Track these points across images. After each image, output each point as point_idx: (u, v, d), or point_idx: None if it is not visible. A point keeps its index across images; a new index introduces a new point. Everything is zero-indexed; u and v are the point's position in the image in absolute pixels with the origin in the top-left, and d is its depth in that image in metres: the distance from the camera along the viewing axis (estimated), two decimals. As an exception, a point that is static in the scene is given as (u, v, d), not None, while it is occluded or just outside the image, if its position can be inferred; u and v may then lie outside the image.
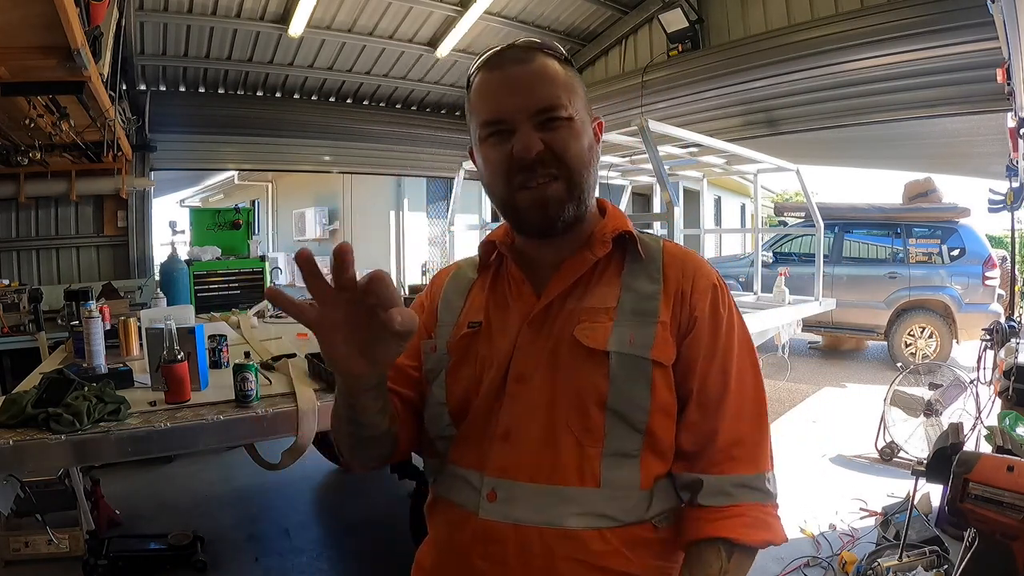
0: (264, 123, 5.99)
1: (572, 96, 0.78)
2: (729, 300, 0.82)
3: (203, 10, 4.71)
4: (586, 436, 0.74)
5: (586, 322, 0.77)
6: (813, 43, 4.53)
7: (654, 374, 0.75)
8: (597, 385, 0.74)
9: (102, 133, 3.86)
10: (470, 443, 0.80)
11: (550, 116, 0.75)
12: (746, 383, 0.79)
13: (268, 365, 2.04)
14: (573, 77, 0.80)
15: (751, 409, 0.79)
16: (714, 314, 0.79)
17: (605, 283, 0.81)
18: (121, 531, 2.75)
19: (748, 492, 0.75)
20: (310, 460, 3.33)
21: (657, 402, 0.75)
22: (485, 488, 0.76)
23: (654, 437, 0.75)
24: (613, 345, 0.75)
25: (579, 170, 0.77)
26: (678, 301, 0.79)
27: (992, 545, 1.47)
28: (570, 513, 0.73)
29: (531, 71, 0.76)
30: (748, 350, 0.81)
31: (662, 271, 0.81)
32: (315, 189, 9.88)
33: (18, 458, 1.37)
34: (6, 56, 2.44)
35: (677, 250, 0.84)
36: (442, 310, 0.89)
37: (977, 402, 3.23)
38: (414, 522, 2.19)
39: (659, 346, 0.76)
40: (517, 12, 5.68)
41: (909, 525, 2.21)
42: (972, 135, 5.32)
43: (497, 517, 0.75)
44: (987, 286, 5.98)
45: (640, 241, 0.83)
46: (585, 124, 0.79)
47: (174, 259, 4.52)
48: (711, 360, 0.78)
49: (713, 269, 0.84)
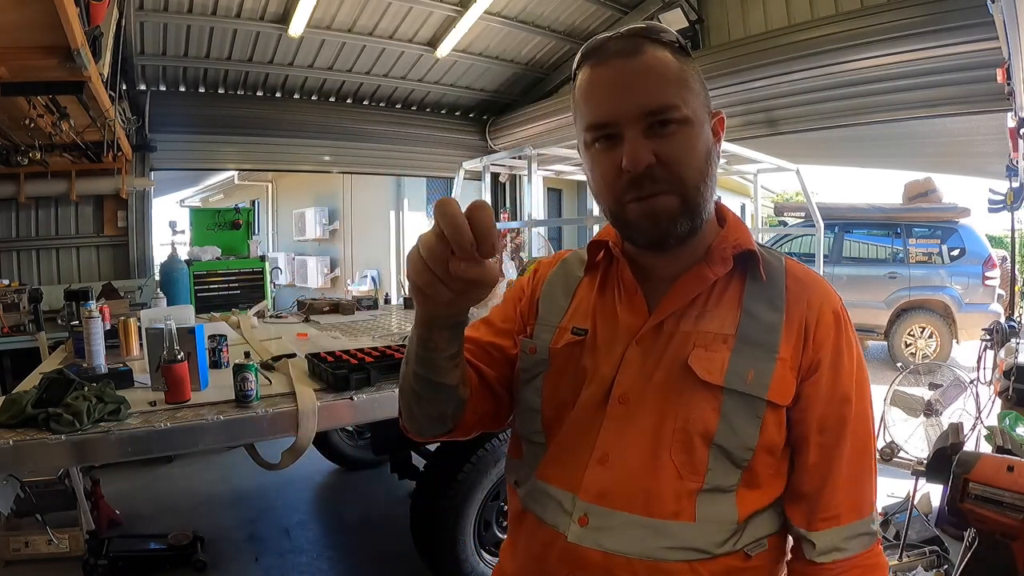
0: (264, 123, 5.99)
1: (687, 92, 0.69)
2: (851, 333, 0.76)
3: (203, 10, 4.71)
4: (687, 469, 0.70)
5: (701, 348, 0.72)
6: (813, 43, 4.52)
7: (766, 415, 0.70)
8: (706, 419, 0.70)
9: (102, 133, 3.86)
10: (563, 462, 0.76)
11: (661, 119, 0.67)
12: (861, 426, 0.75)
13: (268, 365, 2.04)
14: (688, 68, 0.71)
15: (864, 454, 0.75)
16: (837, 355, 0.73)
17: (725, 305, 0.74)
18: (121, 531, 2.76)
19: (859, 540, 0.73)
20: (310, 460, 3.35)
21: (764, 442, 0.71)
22: (577, 512, 0.73)
23: (753, 473, 0.72)
24: (730, 381, 0.70)
25: (694, 182, 0.70)
26: (801, 336, 0.72)
27: (992, 545, 1.46)
28: (663, 547, 0.70)
29: (638, 67, 0.68)
30: (866, 388, 0.76)
31: (785, 297, 0.74)
32: (315, 189, 9.88)
33: (18, 458, 1.37)
34: (6, 56, 2.44)
35: (801, 272, 0.78)
36: (544, 307, 0.84)
37: (977, 402, 3.24)
38: (414, 522, 2.19)
39: (777, 385, 0.70)
40: (517, 12, 5.68)
41: (909, 525, 2.21)
42: (972, 135, 5.32)
43: (588, 544, 0.72)
44: (987, 286, 5.99)
45: (763, 260, 0.76)
46: (703, 125, 0.71)
47: (174, 259, 4.53)
48: (830, 404, 0.73)
49: (835, 293, 0.77)
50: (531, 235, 4.17)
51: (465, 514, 2.09)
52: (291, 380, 1.80)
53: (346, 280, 8.98)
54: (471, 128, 7.28)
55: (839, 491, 0.73)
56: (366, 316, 3.46)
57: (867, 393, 0.76)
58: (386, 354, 2.02)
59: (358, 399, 1.74)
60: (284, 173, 9.55)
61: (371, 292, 7.48)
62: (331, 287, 9.37)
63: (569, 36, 6.25)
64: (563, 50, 6.45)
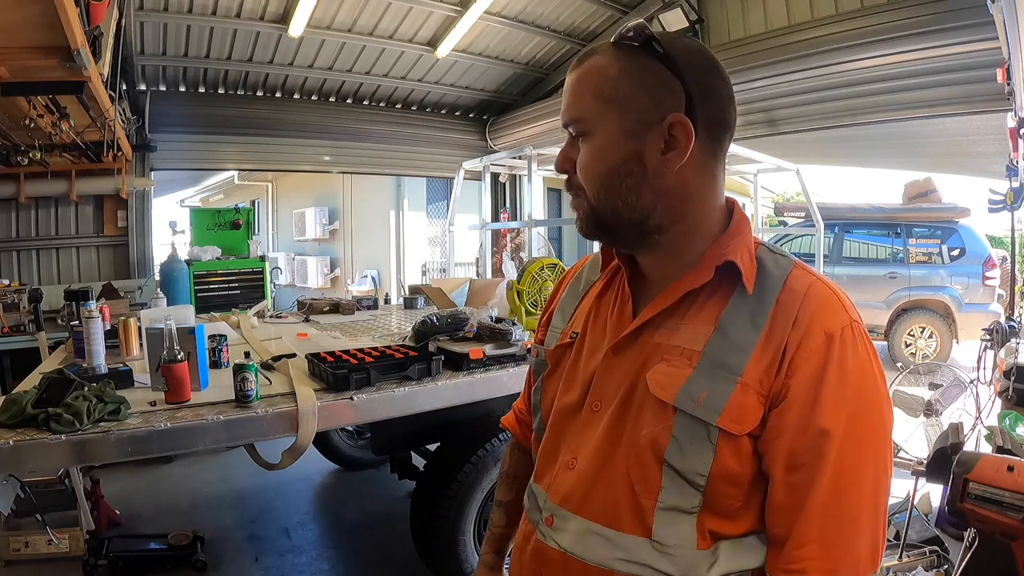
0: (264, 123, 5.99)
1: (606, 105, 0.68)
2: (853, 358, 0.64)
3: (203, 10, 4.71)
4: (641, 485, 0.68)
5: (665, 363, 0.69)
6: (813, 43, 4.52)
7: (720, 442, 0.65)
8: (658, 436, 0.67)
9: (102, 133, 3.86)
10: (546, 461, 0.80)
11: (577, 131, 0.71)
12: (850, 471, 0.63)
13: (268, 365, 2.04)
14: (626, 76, 0.67)
15: (852, 505, 0.63)
16: (818, 382, 0.63)
17: (702, 320, 0.69)
18: (121, 531, 2.76)
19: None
20: (310, 460, 3.35)
21: (719, 471, 0.65)
22: (546, 512, 0.76)
23: (715, 500, 0.67)
24: (680, 400, 0.66)
25: (597, 194, 0.70)
26: (777, 358, 0.64)
27: (992, 545, 1.46)
28: (616, 558, 0.69)
29: (573, 78, 0.71)
30: (868, 434, 0.64)
31: (769, 314, 0.66)
32: (315, 189, 9.88)
33: (18, 458, 1.37)
34: (6, 56, 2.44)
35: (800, 283, 0.68)
36: (557, 316, 0.88)
37: (977, 402, 3.23)
38: (414, 522, 2.19)
39: (731, 412, 0.64)
40: (517, 12, 5.68)
41: (909, 525, 2.21)
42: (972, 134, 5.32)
43: (551, 543, 0.74)
44: (987, 286, 5.99)
45: (760, 268, 0.69)
46: (622, 137, 0.68)
47: (174, 259, 4.53)
48: (801, 438, 0.63)
49: (845, 311, 0.66)
50: (531, 235, 4.17)
51: (465, 514, 2.08)
52: (291, 380, 1.80)
53: (346, 280, 8.99)
54: (471, 128, 7.28)
55: (808, 542, 0.63)
56: (366, 316, 3.46)
57: (868, 432, 0.64)
58: (386, 354, 2.02)
59: (358, 399, 1.74)
60: (284, 173, 9.55)
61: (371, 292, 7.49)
62: (331, 287, 9.38)
63: (569, 36, 6.25)
64: (563, 50, 6.45)
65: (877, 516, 0.65)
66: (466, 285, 3.42)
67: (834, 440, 0.62)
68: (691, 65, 0.68)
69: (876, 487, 0.64)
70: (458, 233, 4.74)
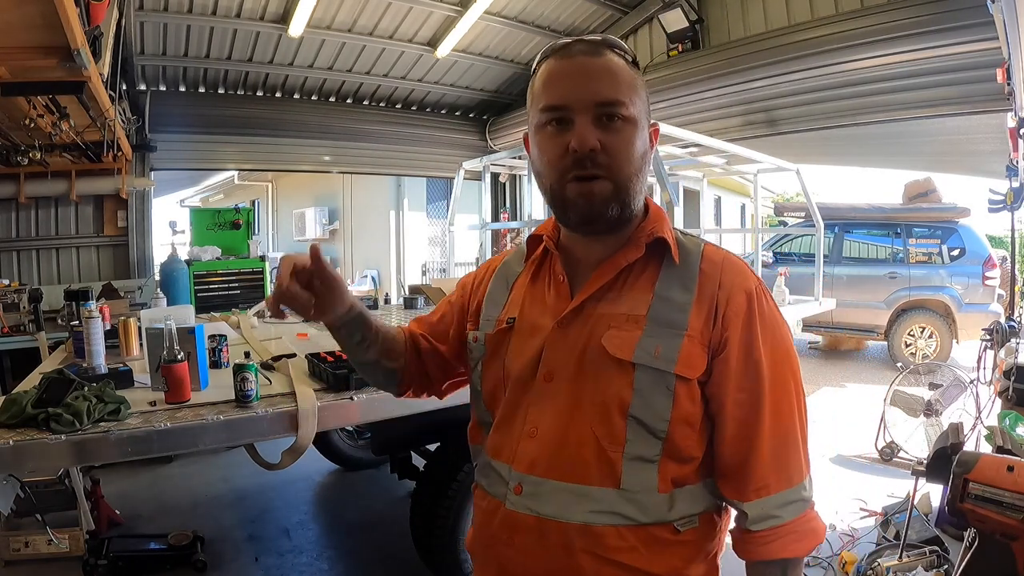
0: (264, 123, 5.99)
1: (635, 97, 0.78)
2: (767, 307, 0.81)
3: (203, 10, 4.71)
4: (608, 440, 0.77)
5: (614, 329, 0.79)
6: (813, 43, 4.52)
7: (677, 388, 0.76)
8: (621, 394, 0.77)
9: (102, 133, 3.86)
10: (502, 437, 0.86)
11: (610, 113, 0.76)
12: (782, 399, 0.79)
13: (268, 365, 2.04)
14: (638, 79, 0.80)
15: (787, 423, 0.79)
16: (748, 332, 0.78)
17: (639, 289, 0.81)
18: (121, 531, 2.76)
19: (791, 507, 0.78)
20: (310, 460, 3.35)
21: (679, 413, 0.77)
22: (513, 482, 0.82)
23: (674, 445, 0.78)
24: (639, 357, 0.77)
25: (628, 174, 0.78)
26: (711, 314, 0.78)
27: (992, 545, 1.46)
28: (588, 510, 0.77)
29: (599, 64, 0.77)
30: (784, 359, 0.80)
31: (697, 279, 0.80)
32: (315, 189, 9.89)
33: (18, 458, 1.37)
34: (6, 56, 2.44)
35: (716, 256, 0.83)
36: (487, 307, 0.94)
37: (977, 402, 3.24)
38: (414, 522, 2.19)
39: (684, 360, 0.77)
40: (517, 12, 5.68)
41: (909, 525, 2.21)
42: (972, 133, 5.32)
43: (523, 510, 0.80)
44: (987, 286, 5.98)
45: (679, 245, 0.83)
46: (643, 128, 0.80)
47: (174, 259, 4.52)
48: (743, 379, 0.78)
49: (753, 274, 0.82)
50: (531, 235, 4.15)
51: (465, 514, 2.08)
52: (291, 380, 1.80)
53: (346, 280, 8.98)
54: (471, 128, 7.28)
55: (764, 463, 0.78)
56: (366, 316, 3.45)
57: (787, 367, 0.80)
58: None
59: (358, 399, 1.74)
60: (284, 173, 9.56)
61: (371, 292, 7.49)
62: (331, 287, 9.35)
63: (569, 36, 6.25)
64: (563, 50, 6.44)
65: (804, 432, 0.81)
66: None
67: (764, 372, 0.78)
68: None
69: (800, 409, 0.81)
70: (458, 233, 4.73)
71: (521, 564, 0.82)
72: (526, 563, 0.81)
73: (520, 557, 0.81)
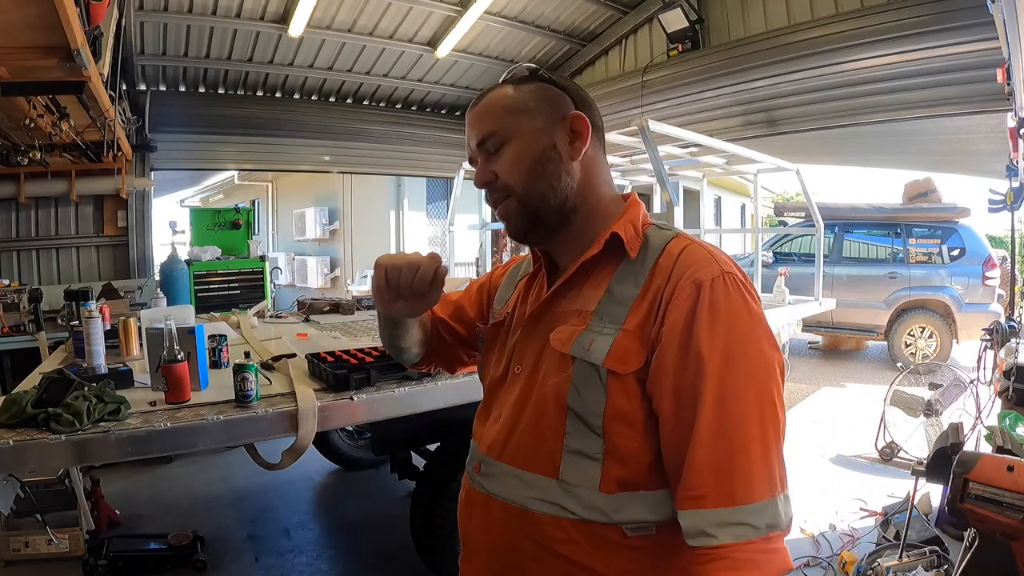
0: (264, 123, 5.99)
1: (514, 115, 0.83)
2: (722, 299, 0.72)
3: (203, 10, 4.71)
4: (550, 431, 0.80)
5: (564, 324, 0.83)
6: (813, 43, 4.53)
7: (609, 382, 0.76)
8: (560, 385, 0.80)
9: (102, 133, 3.86)
10: (481, 421, 0.94)
11: (487, 147, 0.85)
12: (732, 399, 0.70)
13: (268, 365, 2.04)
14: (527, 93, 0.84)
15: (739, 431, 0.70)
16: (690, 324, 0.72)
17: (594, 286, 0.83)
18: (121, 531, 2.75)
19: (732, 530, 0.68)
20: (310, 460, 3.35)
21: (612, 409, 0.76)
22: (475, 461, 0.91)
23: (614, 444, 0.76)
24: (574, 350, 0.79)
25: (527, 183, 0.83)
26: (654, 308, 0.76)
27: (992, 545, 1.47)
28: (530, 497, 0.81)
29: (476, 111, 0.87)
30: (742, 359, 0.71)
31: (648, 273, 0.78)
32: (315, 189, 9.87)
33: (18, 458, 1.37)
34: (6, 56, 2.44)
35: (676, 247, 0.79)
36: (496, 300, 1.03)
37: (977, 402, 3.24)
38: (414, 522, 2.19)
39: (615, 354, 0.76)
40: (517, 12, 5.68)
41: (909, 525, 2.21)
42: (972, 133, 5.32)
43: (478, 487, 0.89)
44: (987, 286, 5.98)
45: (645, 239, 0.82)
46: (537, 135, 0.83)
47: (174, 259, 4.53)
48: (682, 374, 0.72)
49: (718, 265, 0.75)
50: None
51: (465, 514, 2.08)
52: (291, 380, 1.80)
53: (346, 280, 8.98)
54: (471, 128, 7.27)
55: (697, 468, 0.70)
56: (366, 316, 3.46)
57: (744, 368, 0.71)
58: (386, 354, 2.02)
59: (358, 399, 1.74)
60: (284, 173, 9.55)
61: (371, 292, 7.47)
62: (331, 287, 9.37)
63: (569, 36, 6.26)
64: (563, 50, 6.45)
65: (768, 445, 0.70)
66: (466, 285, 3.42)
67: (710, 370, 0.70)
68: (568, 86, 0.87)
69: (762, 417, 0.71)
70: (458, 233, 4.74)
71: (476, 538, 0.89)
72: (479, 538, 0.88)
73: (476, 532, 0.89)
